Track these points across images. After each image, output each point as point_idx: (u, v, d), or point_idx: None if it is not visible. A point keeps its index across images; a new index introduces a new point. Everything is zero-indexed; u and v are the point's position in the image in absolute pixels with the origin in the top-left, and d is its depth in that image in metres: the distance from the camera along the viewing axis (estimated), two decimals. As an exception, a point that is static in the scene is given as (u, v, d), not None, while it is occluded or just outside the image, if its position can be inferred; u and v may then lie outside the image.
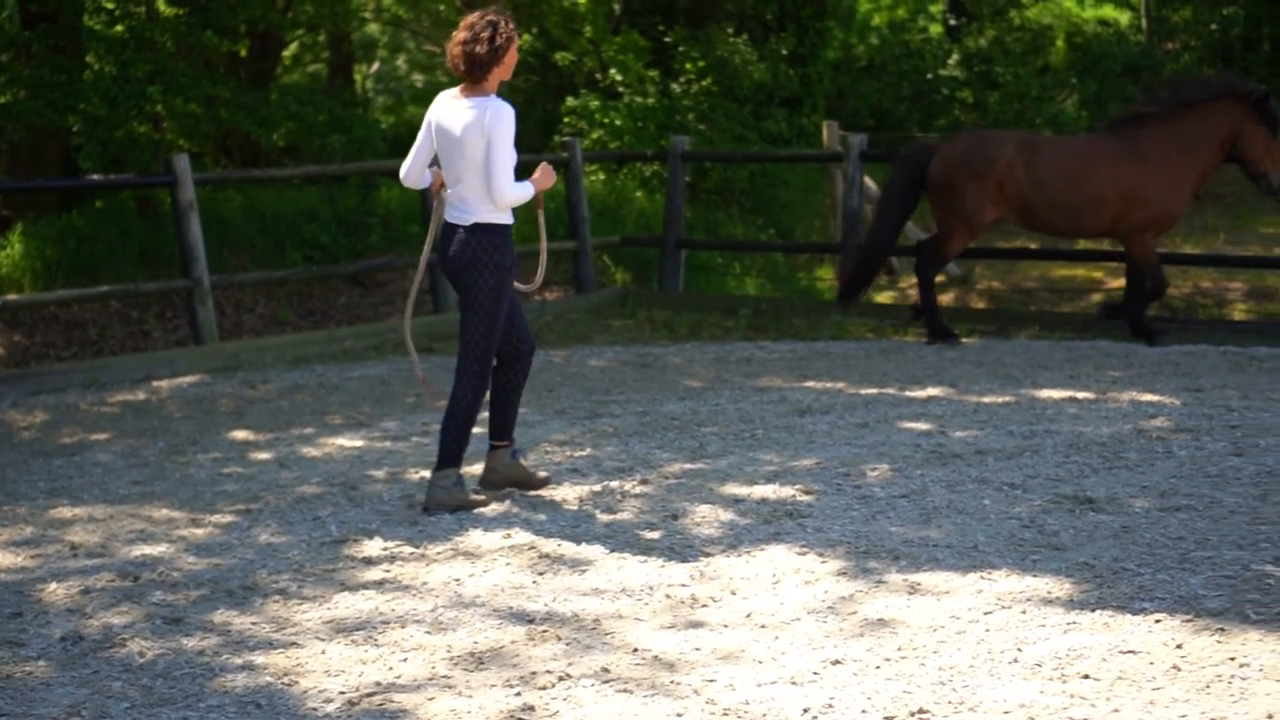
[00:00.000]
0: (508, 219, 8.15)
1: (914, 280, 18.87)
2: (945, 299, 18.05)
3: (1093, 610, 6.19)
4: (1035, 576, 6.67)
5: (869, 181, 19.05)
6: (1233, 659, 5.60)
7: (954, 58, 28.26)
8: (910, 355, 13.50)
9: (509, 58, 8.05)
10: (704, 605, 6.52)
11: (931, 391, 11.43)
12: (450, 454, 8.30)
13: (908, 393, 11.43)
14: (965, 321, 15.40)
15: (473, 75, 8.02)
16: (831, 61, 26.37)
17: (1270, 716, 5.08)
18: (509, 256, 8.14)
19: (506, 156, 7.95)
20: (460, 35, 8.04)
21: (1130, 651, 5.71)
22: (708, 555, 7.25)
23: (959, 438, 9.61)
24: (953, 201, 13.89)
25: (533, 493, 8.56)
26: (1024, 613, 6.21)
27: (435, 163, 8.28)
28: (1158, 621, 6.02)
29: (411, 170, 8.32)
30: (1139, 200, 13.43)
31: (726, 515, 7.95)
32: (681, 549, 7.36)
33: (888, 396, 11.31)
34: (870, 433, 9.92)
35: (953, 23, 32.18)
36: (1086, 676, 5.49)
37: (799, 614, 6.33)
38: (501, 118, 7.96)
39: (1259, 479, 8.27)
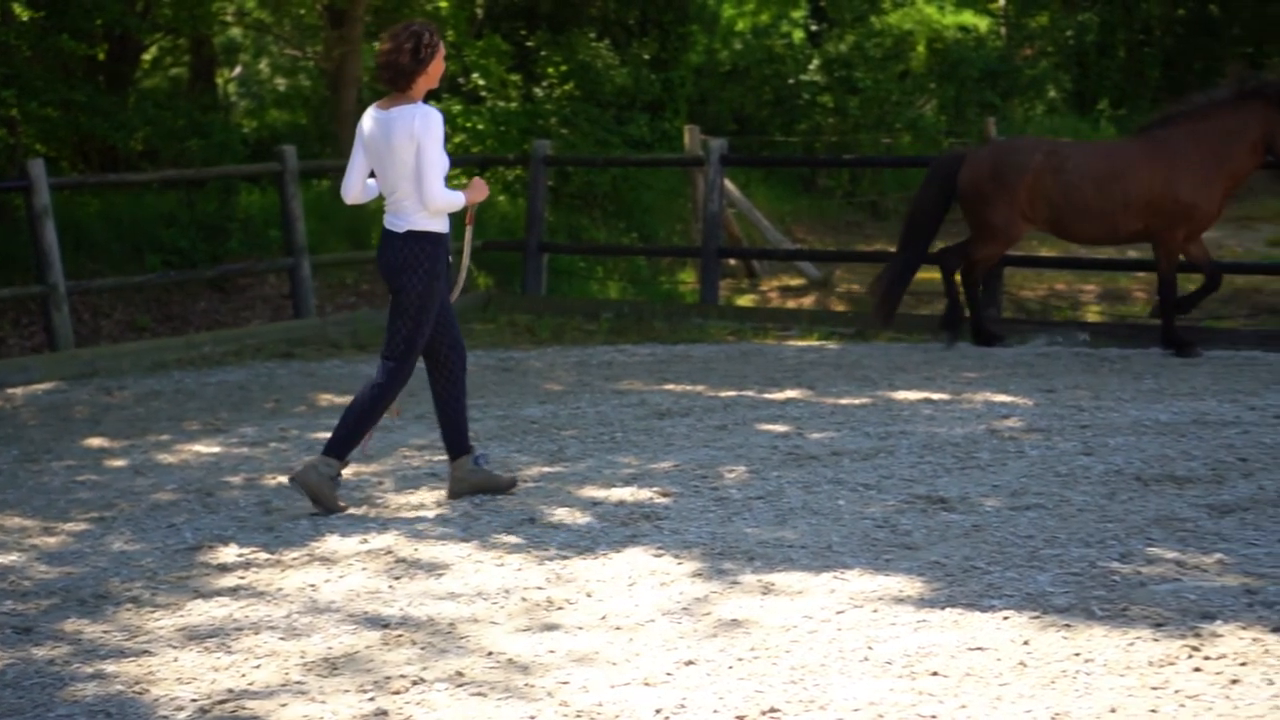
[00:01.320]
0: (442, 227, 8.17)
1: (776, 283, 19.05)
2: (805, 302, 18.21)
3: (943, 608, 6.28)
4: (887, 576, 6.75)
5: (729, 185, 19.17)
6: (1078, 654, 5.70)
7: (815, 63, 28.45)
8: (770, 358, 13.59)
9: (434, 67, 8.09)
10: (559, 608, 6.53)
11: (790, 394, 11.52)
12: (336, 444, 8.29)
13: (766, 395, 11.52)
14: (825, 325, 15.54)
15: (397, 84, 8.07)
16: (694, 66, 26.49)
17: (1114, 710, 5.18)
18: (441, 264, 8.15)
19: (436, 160, 7.99)
20: (385, 46, 8.12)
21: (979, 648, 5.80)
22: (564, 558, 7.26)
23: (816, 439, 9.71)
24: (983, 211, 13.60)
25: (397, 498, 8.53)
26: (875, 612, 6.28)
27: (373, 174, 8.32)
28: (1006, 619, 6.12)
29: (350, 185, 8.37)
30: (1168, 201, 13.03)
31: (584, 518, 7.97)
32: (538, 552, 7.37)
33: (746, 399, 11.39)
34: (728, 435, 9.99)
35: (814, 28, 32.43)
36: (935, 674, 5.56)
37: (654, 615, 6.36)
38: (430, 124, 8.00)
39: (1107, 478, 8.44)
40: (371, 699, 5.57)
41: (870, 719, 5.18)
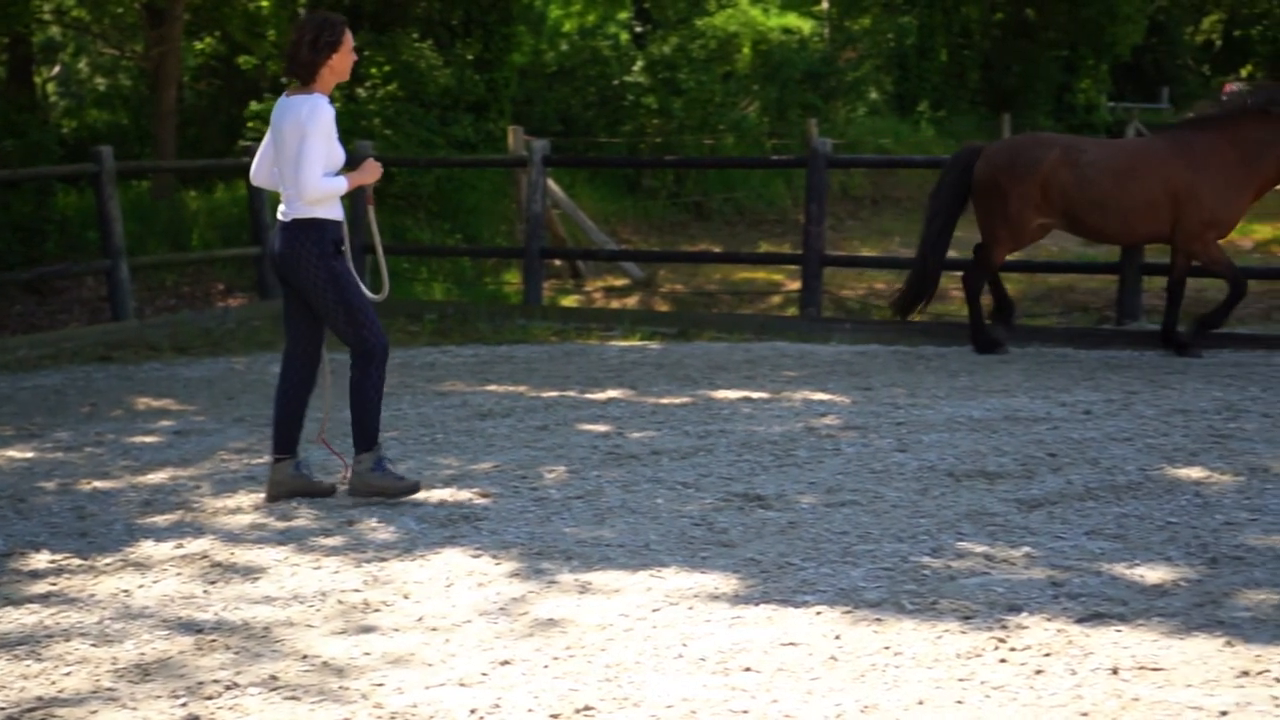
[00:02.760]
0: (329, 213, 8.08)
1: (600, 283, 19.10)
2: (629, 302, 18.28)
3: (757, 605, 6.35)
4: (704, 573, 6.81)
5: (554, 186, 19.22)
6: (888, 648, 5.80)
7: (639, 64, 28.58)
8: (592, 358, 13.64)
9: (338, 60, 8.02)
10: (376, 610, 6.51)
11: (611, 394, 11.57)
12: (360, 440, 8.32)
13: (588, 395, 11.55)
14: (648, 325, 15.61)
15: (298, 75, 8.02)
16: (519, 67, 26.48)
17: (921, 702, 5.28)
18: (329, 246, 8.05)
19: (315, 151, 7.90)
20: (291, 37, 8.08)
21: (791, 643, 5.87)
22: (382, 560, 7.24)
23: (636, 439, 9.76)
24: (996, 205, 13.29)
25: (215, 502, 8.45)
26: (691, 609, 6.33)
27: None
28: (818, 614, 6.20)
29: (256, 169, 8.38)
30: (1192, 202, 12.70)
31: (403, 520, 7.95)
32: (356, 554, 7.34)
33: (568, 399, 11.42)
34: (549, 435, 10.01)
35: (639, 30, 32.57)
36: (748, 669, 5.63)
37: (470, 616, 6.36)
38: (316, 114, 7.92)
39: (921, 474, 8.58)
40: (184, 704, 5.52)
41: (683, 715, 5.23)
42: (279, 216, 8.14)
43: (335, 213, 8.10)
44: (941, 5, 36.04)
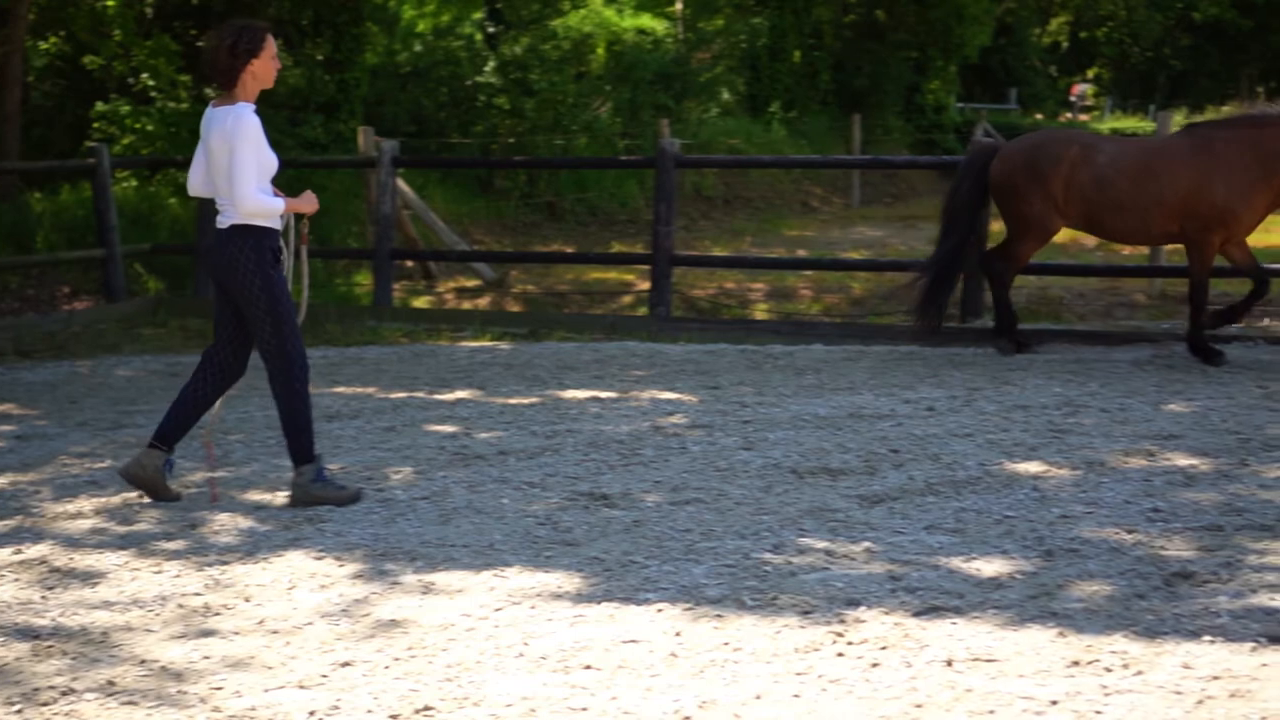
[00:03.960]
0: (266, 221, 8.05)
1: (452, 284, 19.06)
2: (480, 303, 18.26)
3: (599, 603, 6.39)
4: (547, 572, 6.84)
5: (405, 187, 19.14)
6: (728, 644, 5.86)
7: (490, 65, 28.54)
8: (442, 359, 13.60)
9: (259, 66, 7.99)
10: (216, 613, 6.47)
11: (460, 394, 11.56)
12: (295, 452, 8.22)
13: (436, 396, 11.53)
14: (498, 325, 15.61)
15: (220, 81, 7.99)
16: (371, 67, 26.34)
17: (759, 697, 5.34)
18: (267, 254, 8.03)
19: (246, 163, 7.87)
20: (212, 43, 8.05)
21: (632, 641, 5.91)
22: (225, 563, 7.19)
23: (483, 439, 9.77)
24: (1016, 205, 13.02)
25: (55, 506, 8.35)
26: (534, 608, 6.35)
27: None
28: (660, 611, 6.25)
29: (192, 178, 8.30)
30: (1204, 204, 12.43)
31: (246, 523, 7.90)
32: (198, 558, 7.29)
33: (416, 400, 11.39)
34: (396, 436, 9.99)
35: (491, 30, 32.50)
36: (589, 667, 5.66)
37: (312, 618, 6.34)
38: (242, 126, 7.88)
39: (765, 471, 8.66)
40: (19, 711, 5.45)
41: (522, 714, 5.25)
42: (217, 224, 8.11)
43: (273, 221, 8.10)
44: (792, 6, 36.27)
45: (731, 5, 37.95)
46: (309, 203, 8.33)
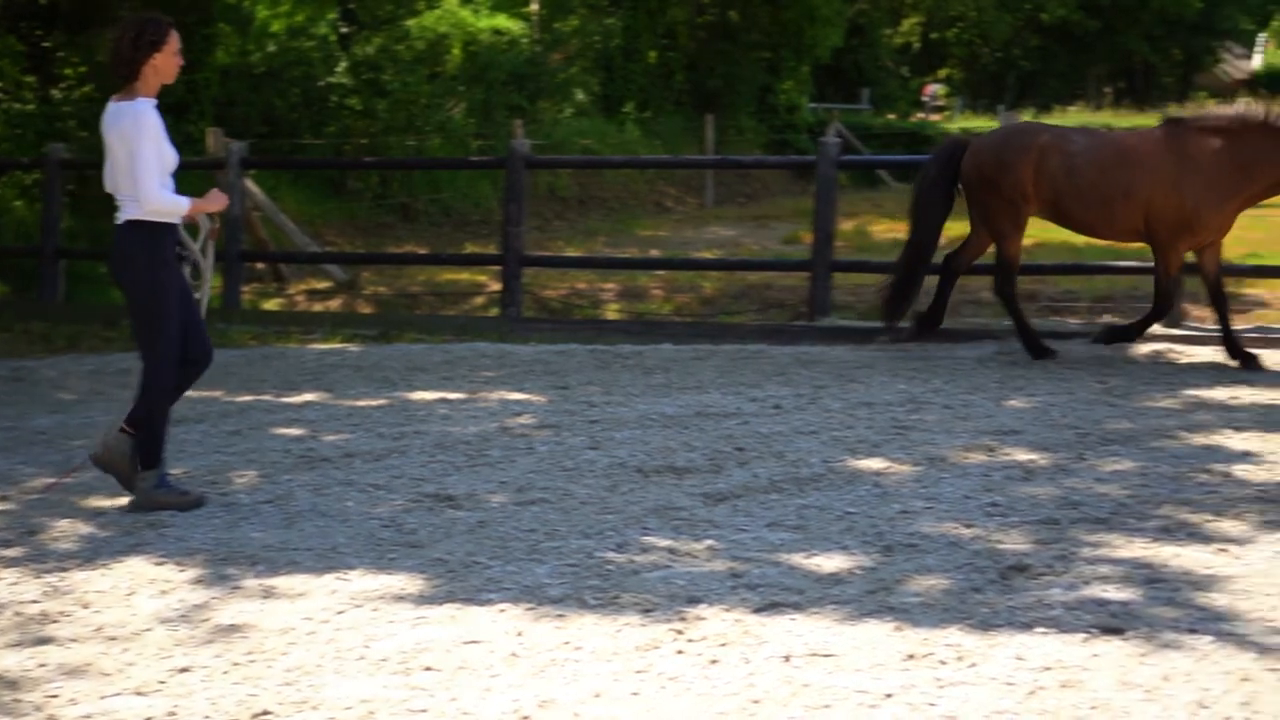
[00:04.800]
0: (164, 219, 7.94)
1: (304, 286, 18.93)
2: (331, 305, 18.15)
3: (442, 604, 6.38)
4: (390, 574, 6.82)
5: (255, 188, 18.99)
6: (568, 643, 5.88)
7: (343, 65, 28.36)
8: (291, 361, 13.51)
9: (161, 60, 7.88)
10: (54, 621, 6.38)
11: (307, 397, 11.50)
12: (144, 457, 8.10)
13: (284, 399, 11.45)
14: (349, 327, 15.53)
15: (121, 74, 7.89)
16: (223, 68, 26.07)
17: (598, 695, 5.36)
18: (166, 253, 7.94)
19: (147, 160, 7.78)
20: (114, 35, 7.90)
21: (473, 641, 5.92)
22: (63, 570, 7.10)
23: (330, 441, 9.72)
24: (988, 198, 12.88)
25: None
26: (376, 610, 6.34)
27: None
28: (502, 611, 6.26)
29: (107, 177, 8.13)
30: (1171, 200, 12.27)
31: (87, 529, 7.81)
32: (37, 565, 7.19)
33: (263, 403, 11.30)
34: (241, 440, 9.92)
35: (344, 30, 32.29)
36: (429, 668, 5.65)
37: (151, 624, 6.27)
38: (141, 122, 7.78)
39: (611, 470, 8.70)
40: None
41: (361, 716, 5.23)
42: (116, 219, 8.02)
43: (173, 217, 8.02)
44: (646, 7, 36.37)
45: (586, 5, 37.96)
46: (217, 201, 8.28)
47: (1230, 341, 12.48)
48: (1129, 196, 12.42)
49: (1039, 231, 21.93)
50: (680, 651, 5.78)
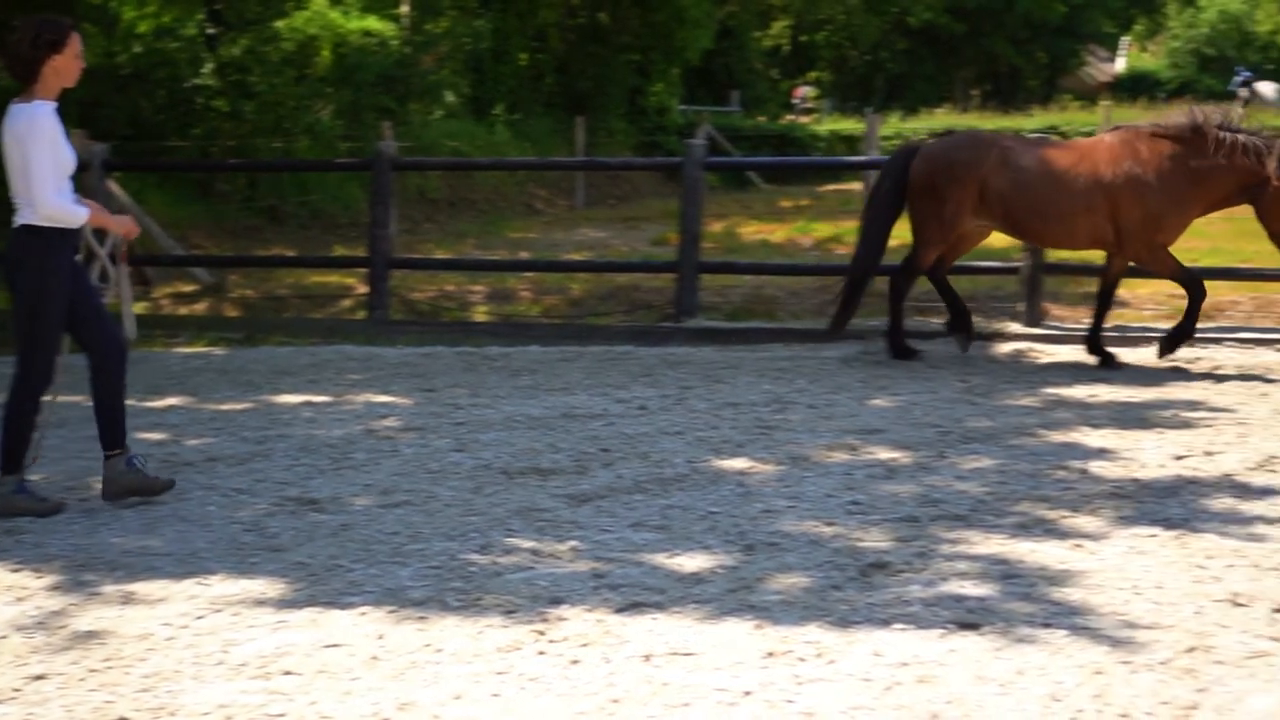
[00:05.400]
0: (60, 224, 7.82)
1: (169, 289, 18.74)
2: (197, 308, 17.99)
3: (303, 608, 6.35)
4: (251, 579, 6.78)
5: (117, 190, 18.78)
6: (429, 645, 5.87)
7: (209, 66, 28.09)
8: (155, 365, 13.37)
9: (61, 62, 7.78)
10: (-94, 630, 6.30)
11: (171, 401, 11.40)
12: (4, 459, 8.01)
13: (147, 403, 11.33)
14: (214, 330, 15.42)
15: (16, 74, 7.79)
16: (87, 69, 25.66)
17: (458, 697, 5.36)
18: (60, 259, 7.83)
19: (42, 165, 7.67)
20: (14, 35, 7.78)
21: (334, 645, 5.89)
22: (-83, 579, 7.00)
23: (192, 446, 9.65)
24: (932, 207, 12.70)
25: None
26: (236, 615, 6.30)
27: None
28: (363, 614, 6.24)
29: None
30: (1136, 209, 12.20)
31: (-58, 536, 7.70)
32: (-112, 574, 7.08)
33: (127, 407, 11.15)
34: (102, 445, 9.80)
35: (210, 31, 31.97)
36: (289, 672, 5.62)
37: (6, 632, 6.19)
38: (35, 127, 7.67)
39: (476, 472, 8.70)
40: None
41: (218, 721, 5.21)
42: (14, 221, 7.90)
43: (70, 223, 7.92)
44: (516, 9, 36.35)
45: (456, 7, 37.86)
46: (121, 224, 8.21)
47: (1093, 339, 12.62)
48: (1091, 209, 12.31)
49: (902, 233, 22.23)
50: (541, 652, 5.79)
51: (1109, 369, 12.28)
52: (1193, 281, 12.50)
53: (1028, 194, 12.44)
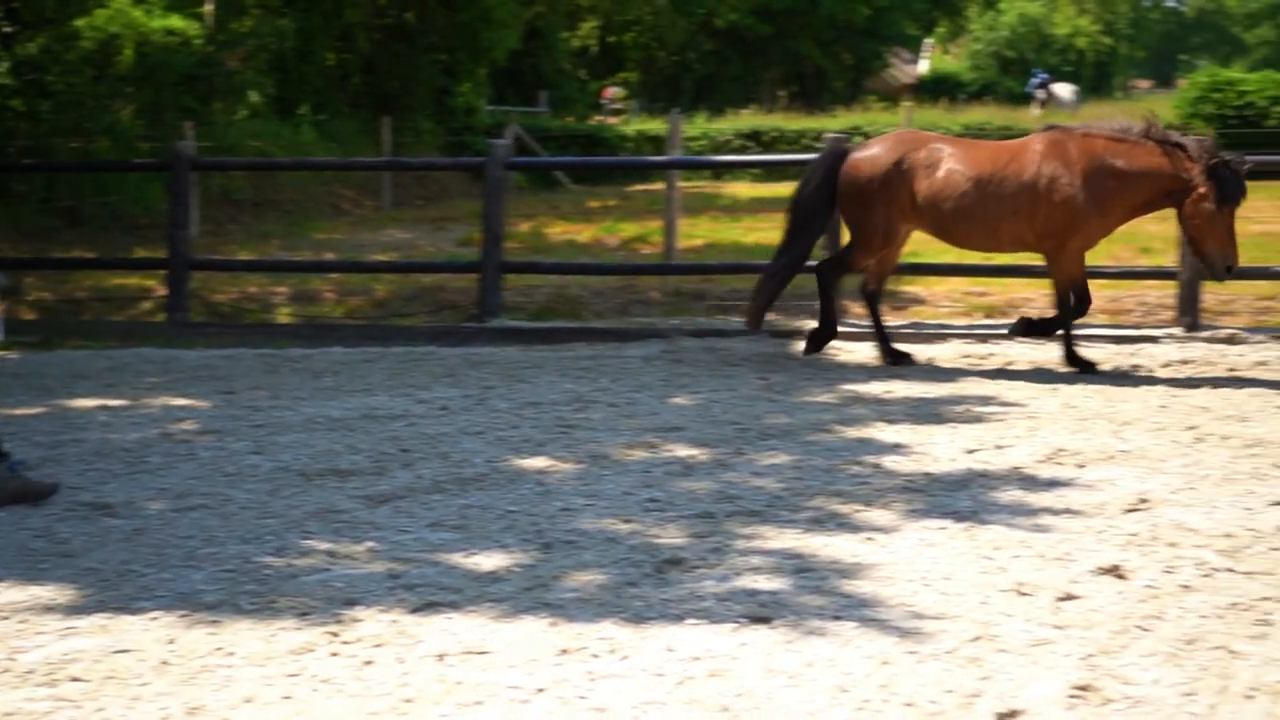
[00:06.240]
0: None
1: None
2: (-8, 312, 17.59)
3: (92, 614, 6.26)
4: (40, 585, 6.66)
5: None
6: (221, 649, 5.82)
7: (3, 65, 27.52)
8: (-54, 371, 13.11)
9: None
10: None
11: (-40, 407, 11.16)
12: None
13: (-64, 409, 11.10)
14: (9, 334, 15.06)
15: None
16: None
17: (249, 700, 5.33)
18: None
19: None
20: None
21: (124, 650, 5.82)
22: None
23: (-18, 452, 9.45)
24: (864, 213, 12.56)
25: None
26: (23, 622, 6.19)
27: None
28: (154, 619, 6.17)
29: None
30: (1057, 212, 12.11)
31: None
32: None
33: (-86, 414, 10.94)
34: (-113, 453, 9.58)
35: (7, 30, 31.33)
36: (76, 679, 5.54)
37: None
38: None
39: (273, 475, 8.63)
40: None
41: (1, 730, 5.13)
42: None
43: None
44: (321, 9, 36.02)
45: (260, 6, 37.45)
46: None
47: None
48: (1015, 211, 12.22)
49: (708, 232, 22.44)
50: (335, 654, 5.77)
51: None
52: (1067, 301, 12.39)
53: (955, 197, 12.31)
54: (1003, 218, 12.24)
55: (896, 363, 12.66)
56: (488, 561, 6.95)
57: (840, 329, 13.60)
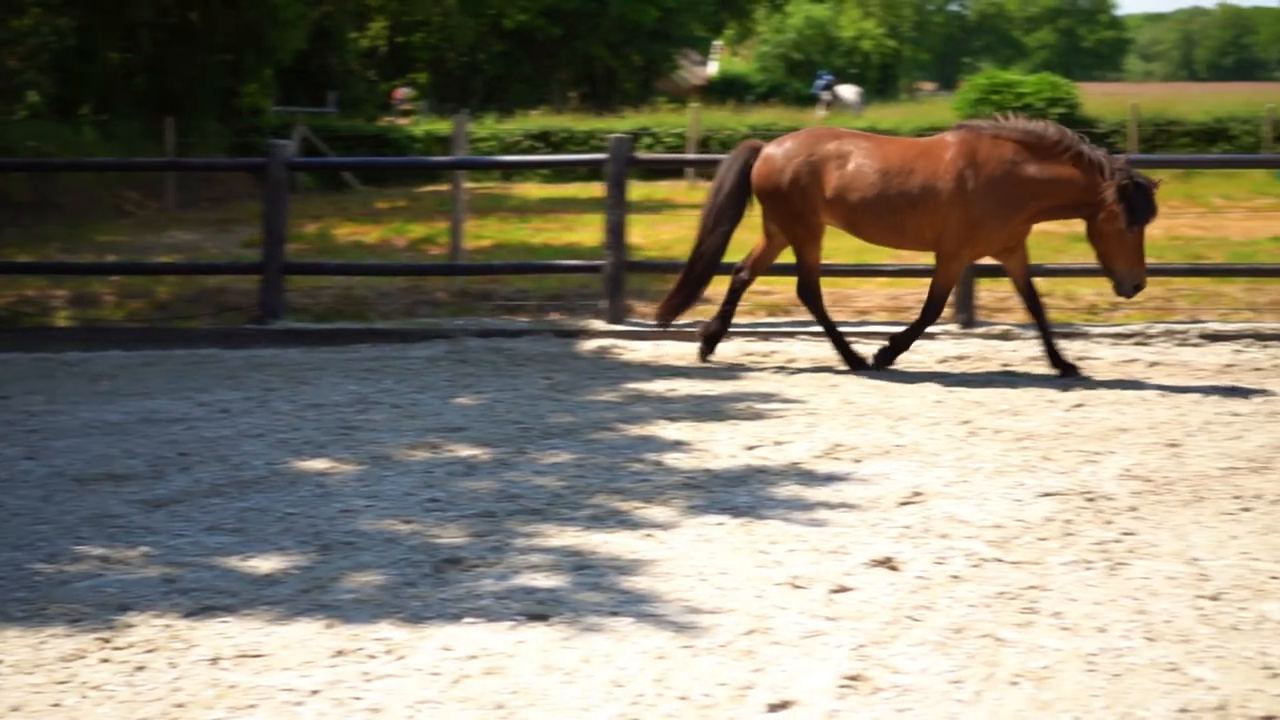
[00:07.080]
0: None
1: None
2: None
3: None
4: None
5: None
6: (-10, 657, 5.74)
7: None
8: None
9: None
10: None
11: None
12: None
13: None
14: None
15: None
16: None
17: (17, 709, 5.29)
18: None
19: None
20: None
21: (-119, 664, 5.71)
22: None
23: None
24: (783, 209, 12.40)
25: None
26: None
27: None
28: (-81, 628, 6.06)
29: None
30: (956, 212, 11.98)
31: None
32: None
33: None
34: None
35: None
36: None
37: None
38: None
39: (47, 480, 8.49)
40: None
41: None
42: None
43: None
44: (103, 7, 35.37)
45: (39, 4, 36.70)
46: None
47: (1050, 349, 12.31)
48: (916, 207, 12.12)
49: (496, 233, 22.46)
50: (105, 660, 5.71)
51: (1072, 377, 12.11)
52: (935, 307, 12.42)
53: (861, 189, 12.22)
54: (904, 212, 12.19)
55: (708, 354, 12.83)
56: (265, 564, 6.91)
57: (620, 328, 13.69)
